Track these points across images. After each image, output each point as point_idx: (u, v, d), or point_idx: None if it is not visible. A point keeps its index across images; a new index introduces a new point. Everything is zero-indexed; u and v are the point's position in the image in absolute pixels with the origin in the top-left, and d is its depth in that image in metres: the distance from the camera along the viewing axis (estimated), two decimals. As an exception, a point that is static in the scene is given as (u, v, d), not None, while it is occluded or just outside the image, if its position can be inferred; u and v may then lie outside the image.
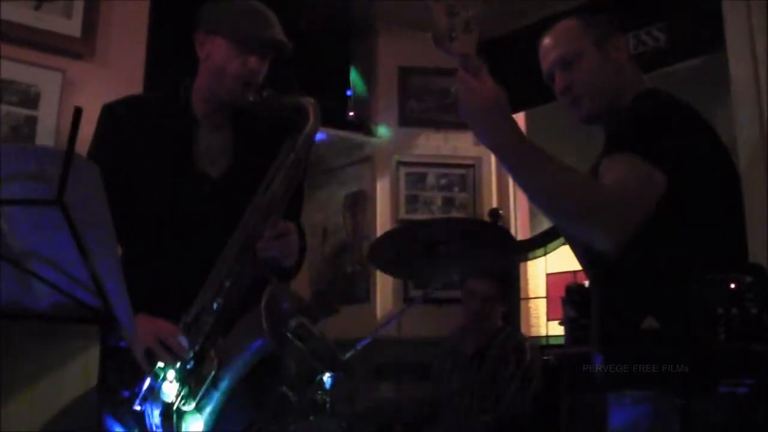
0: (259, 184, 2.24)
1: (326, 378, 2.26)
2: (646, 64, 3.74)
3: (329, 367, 1.97)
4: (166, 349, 2.12)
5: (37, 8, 3.92)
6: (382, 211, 5.51)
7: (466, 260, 3.59)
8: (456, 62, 1.83)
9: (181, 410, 2.10)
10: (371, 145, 5.62)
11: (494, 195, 5.65)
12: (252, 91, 2.32)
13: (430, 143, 5.67)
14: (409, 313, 3.84)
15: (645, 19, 4.64)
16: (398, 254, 3.57)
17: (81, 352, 3.72)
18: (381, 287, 5.36)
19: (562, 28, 2.30)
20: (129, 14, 4.30)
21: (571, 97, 2.25)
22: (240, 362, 2.13)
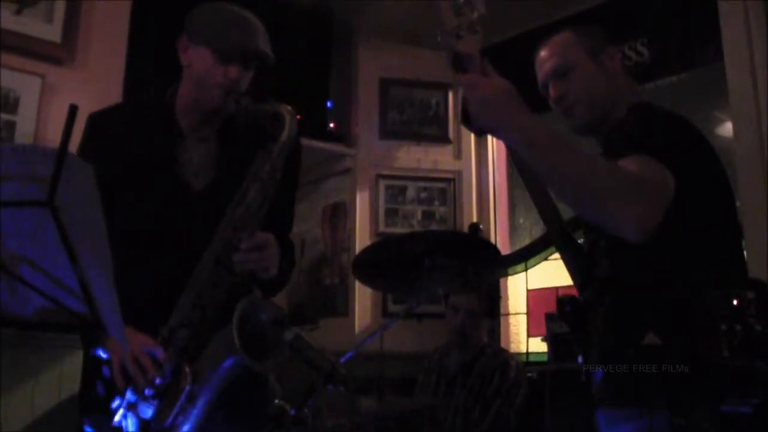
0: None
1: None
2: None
3: (328, 379, 1.91)
4: (139, 368, 2.07)
5: (18, 12, 3.87)
6: (361, 223, 5.45)
7: (450, 274, 3.56)
8: (438, 74, 1.82)
9: (159, 427, 2.04)
10: (351, 157, 5.57)
11: (474, 209, 5.62)
12: (232, 100, 2.28)
13: (410, 156, 5.63)
14: (390, 327, 3.80)
15: (629, 34, 4.64)
16: (381, 267, 3.53)
17: (57, 361, 3.68)
18: (360, 301, 5.30)
19: (558, 40, 2.33)
20: (109, 20, 4.27)
21: (565, 107, 2.25)
22: (215, 378, 2.07)
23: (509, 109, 1.82)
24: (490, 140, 5.74)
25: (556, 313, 4.16)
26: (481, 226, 5.40)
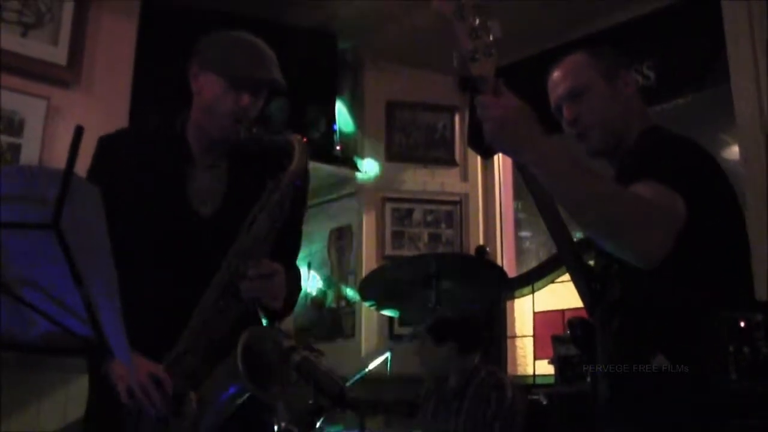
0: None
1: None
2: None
3: (336, 402, 1.90)
4: (145, 395, 2.06)
5: (24, 35, 3.88)
6: (367, 246, 5.45)
7: (458, 296, 3.56)
8: (444, 97, 1.83)
9: None
10: (357, 179, 5.57)
11: (481, 232, 5.61)
12: (243, 128, 2.27)
13: (416, 179, 5.63)
14: (396, 350, 3.79)
15: (635, 57, 4.63)
16: (389, 289, 3.52)
17: (62, 384, 3.66)
18: (366, 323, 5.29)
19: (572, 61, 2.29)
20: (115, 42, 4.27)
21: (579, 130, 2.23)
22: (219, 405, 2.07)
23: (524, 129, 1.82)
24: (496, 163, 5.74)
25: (563, 336, 4.17)
26: (487, 249, 5.38)
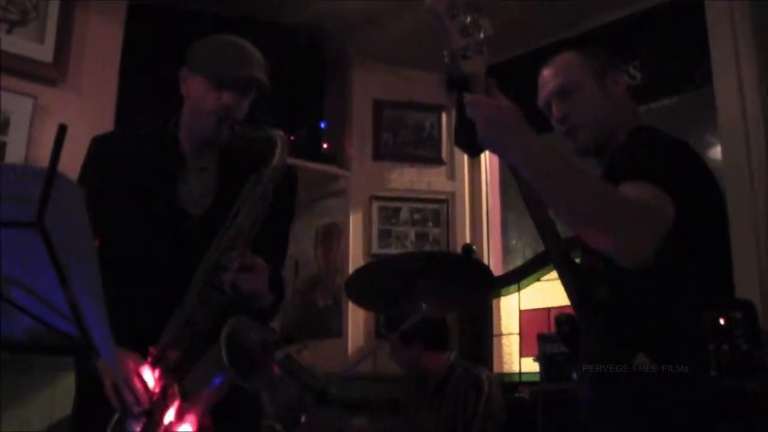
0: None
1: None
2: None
3: (318, 399, 1.91)
4: (130, 390, 2.08)
5: (9, 32, 3.86)
6: (354, 245, 5.46)
7: (443, 295, 3.55)
8: (432, 96, 1.84)
9: None
10: (344, 178, 5.58)
11: (467, 230, 5.63)
12: (226, 126, 2.33)
13: (403, 177, 5.64)
14: (382, 348, 3.80)
15: (622, 57, 4.65)
16: (375, 288, 3.52)
17: (49, 383, 3.66)
18: (353, 322, 5.30)
19: (563, 60, 2.32)
20: (102, 40, 4.26)
21: (568, 128, 2.25)
22: (204, 397, 2.08)
23: (514, 130, 1.84)
24: (483, 162, 5.76)
25: (548, 334, 4.19)
26: (474, 247, 5.40)
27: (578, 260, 2.28)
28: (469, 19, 1.86)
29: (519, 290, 5.40)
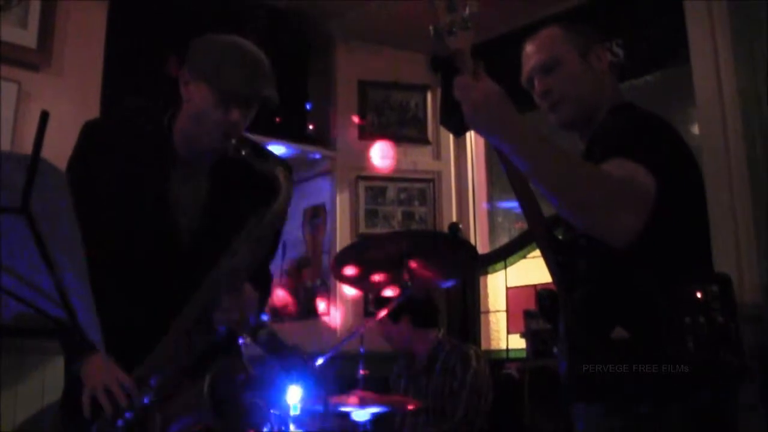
0: (226, 247, 2.15)
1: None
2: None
3: (300, 378, 1.94)
4: (110, 398, 2.07)
5: (-8, 18, 3.86)
6: (341, 225, 5.48)
7: (429, 273, 3.59)
8: (416, 76, 1.86)
9: None
10: (331, 159, 5.60)
11: (454, 209, 5.66)
12: (232, 145, 2.20)
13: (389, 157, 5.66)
14: (370, 327, 3.83)
15: (605, 35, 4.67)
16: (361, 267, 3.55)
17: (39, 367, 3.68)
18: (341, 302, 5.34)
19: (545, 35, 2.32)
20: (86, 25, 4.25)
21: (550, 102, 2.26)
22: (181, 427, 2.08)
23: (501, 112, 1.86)
24: (468, 140, 5.77)
25: (534, 311, 4.23)
26: (460, 226, 5.43)
27: (561, 237, 2.31)
28: (454, -5, 1.88)
29: (506, 267, 5.44)
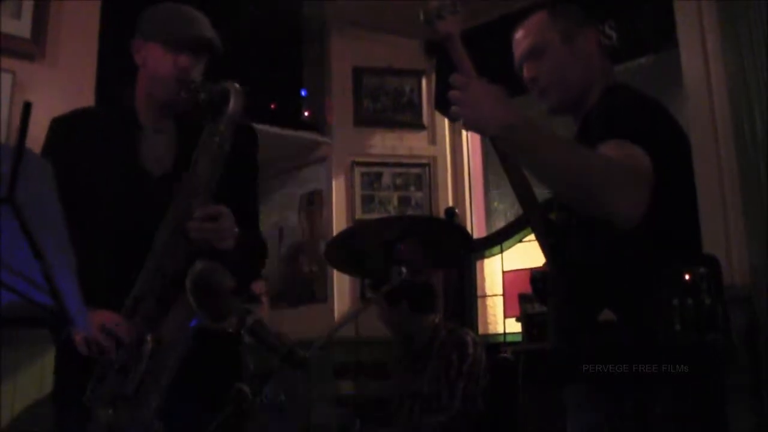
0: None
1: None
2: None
3: (287, 364, 1.95)
4: (107, 335, 2.12)
5: (-15, 8, 3.85)
6: (338, 211, 5.50)
7: (423, 259, 3.59)
8: (411, 61, 1.87)
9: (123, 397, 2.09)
10: (326, 145, 5.60)
11: (450, 194, 5.67)
12: (184, 87, 2.36)
13: (385, 143, 5.67)
14: (366, 312, 3.84)
15: (597, 17, 4.66)
16: (354, 253, 3.56)
17: (37, 357, 3.69)
18: (338, 287, 5.35)
19: (533, 21, 2.33)
20: (80, 15, 4.23)
21: (539, 88, 2.27)
22: (179, 345, 2.13)
23: (497, 111, 1.88)
24: (464, 125, 5.77)
25: (529, 294, 4.24)
26: (456, 211, 5.44)
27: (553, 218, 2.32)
28: (443, -21, 1.89)
29: (502, 252, 5.46)
